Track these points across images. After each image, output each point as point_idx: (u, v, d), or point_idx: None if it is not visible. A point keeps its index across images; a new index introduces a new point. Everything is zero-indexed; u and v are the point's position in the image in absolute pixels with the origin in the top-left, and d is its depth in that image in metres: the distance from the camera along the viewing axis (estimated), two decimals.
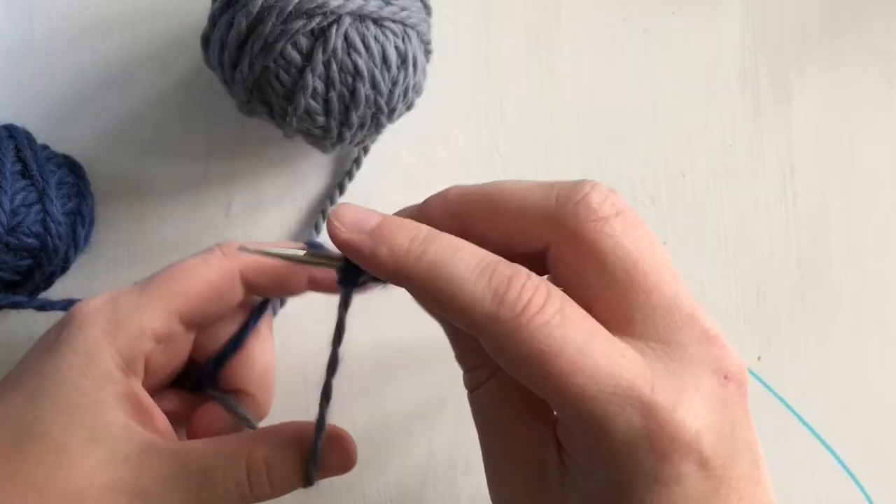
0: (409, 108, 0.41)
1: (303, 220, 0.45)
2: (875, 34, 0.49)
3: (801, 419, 0.43)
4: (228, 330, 0.37)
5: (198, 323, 0.35)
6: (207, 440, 0.32)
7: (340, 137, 0.40)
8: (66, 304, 0.39)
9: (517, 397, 0.28)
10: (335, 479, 0.42)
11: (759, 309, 0.47)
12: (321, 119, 0.38)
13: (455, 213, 0.29)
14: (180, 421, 0.36)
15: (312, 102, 0.38)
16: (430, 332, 0.32)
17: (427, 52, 0.41)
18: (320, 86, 0.37)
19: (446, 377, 0.42)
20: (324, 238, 0.39)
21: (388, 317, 0.42)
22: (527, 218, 0.28)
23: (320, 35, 0.37)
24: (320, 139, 0.40)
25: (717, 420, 0.25)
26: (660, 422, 0.24)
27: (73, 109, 0.44)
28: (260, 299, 0.37)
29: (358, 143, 0.42)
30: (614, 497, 0.25)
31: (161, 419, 0.33)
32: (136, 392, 0.32)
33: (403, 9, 0.38)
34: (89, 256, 0.42)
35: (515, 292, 0.25)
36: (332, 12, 0.36)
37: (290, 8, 0.36)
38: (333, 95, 0.37)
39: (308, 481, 0.33)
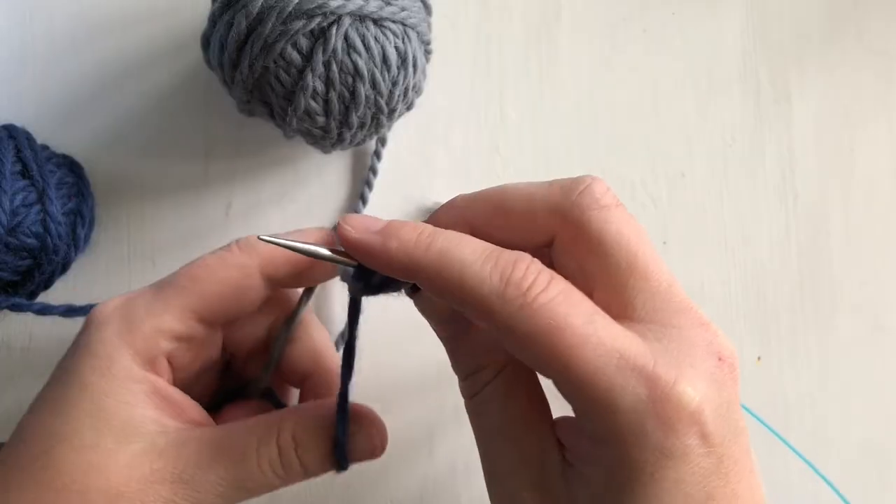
0: (409, 108, 0.41)
1: (303, 220, 0.45)
2: (875, 34, 0.49)
3: (776, 434, 0.43)
4: (260, 324, 0.37)
5: (220, 321, 0.35)
6: (241, 421, 0.33)
7: (340, 138, 0.40)
8: (66, 309, 0.39)
9: (515, 403, 0.29)
10: (335, 480, 0.43)
11: (759, 309, 0.47)
12: (321, 119, 0.38)
13: (464, 218, 0.31)
14: None
15: (312, 103, 0.38)
16: (429, 332, 0.32)
17: (427, 53, 0.41)
18: (320, 86, 0.37)
19: (446, 378, 0.42)
20: None
21: (388, 319, 0.42)
22: (533, 212, 0.29)
23: (320, 35, 0.37)
24: (320, 139, 0.40)
25: (715, 397, 0.26)
26: (664, 392, 0.25)
27: (73, 110, 0.44)
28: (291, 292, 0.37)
29: (358, 143, 0.42)
30: (624, 480, 0.26)
31: (193, 408, 0.33)
32: (160, 387, 0.32)
33: (403, 9, 0.38)
34: (89, 256, 0.42)
35: (520, 273, 0.26)
36: (332, 13, 0.36)
37: (289, 8, 0.36)
38: (333, 96, 0.37)
39: (339, 465, 0.32)
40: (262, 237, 0.31)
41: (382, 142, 0.45)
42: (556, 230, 0.29)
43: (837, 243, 0.48)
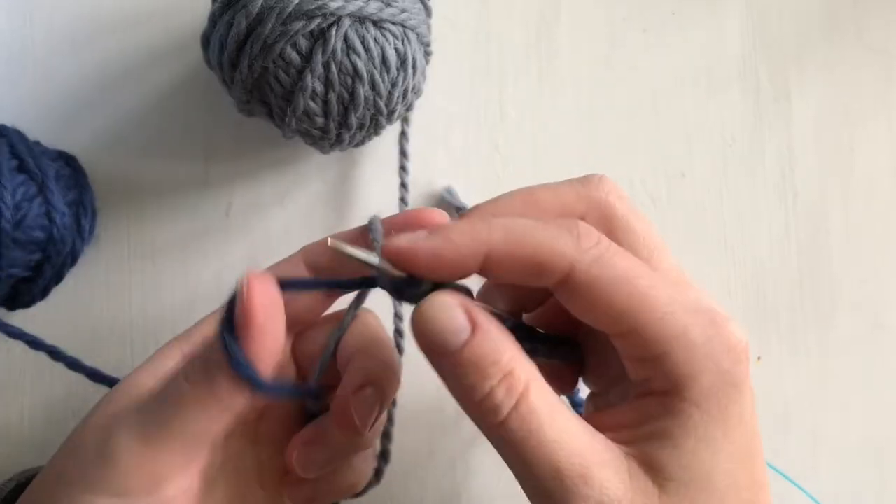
0: (408, 109, 0.41)
1: (304, 221, 0.45)
2: (874, 34, 0.49)
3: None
4: (325, 331, 0.35)
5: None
6: None
7: (339, 138, 0.40)
8: (50, 350, 0.39)
9: (559, 404, 0.28)
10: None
11: (758, 308, 0.47)
12: (320, 120, 0.38)
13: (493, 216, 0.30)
14: None
15: (311, 103, 0.38)
16: None
17: (427, 54, 0.41)
18: (319, 87, 0.37)
19: None
20: None
21: (388, 319, 0.42)
22: (561, 203, 0.30)
23: (320, 36, 0.37)
24: (319, 140, 0.40)
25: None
26: (725, 328, 0.27)
27: (73, 110, 0.44)
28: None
29: (357, 144, 0.42)
30: (702, 415, 0.27)
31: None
32: None
33: (403, 10, 0.38)
34: (90, 258, 0.42)
35: (586, 229, 0.28)
36: (332, 14, 0.36)
37: (289, 9, 0.36)
38: (332, 97, 0.37)
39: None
40: (331, 243, 0.28)
41: (406, 136, 0.44)
42: (583, 212, 0.30)
43: (837, 242, 0.48)
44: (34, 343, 0.39)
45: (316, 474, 0.34)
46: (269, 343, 0.28)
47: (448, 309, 0.27)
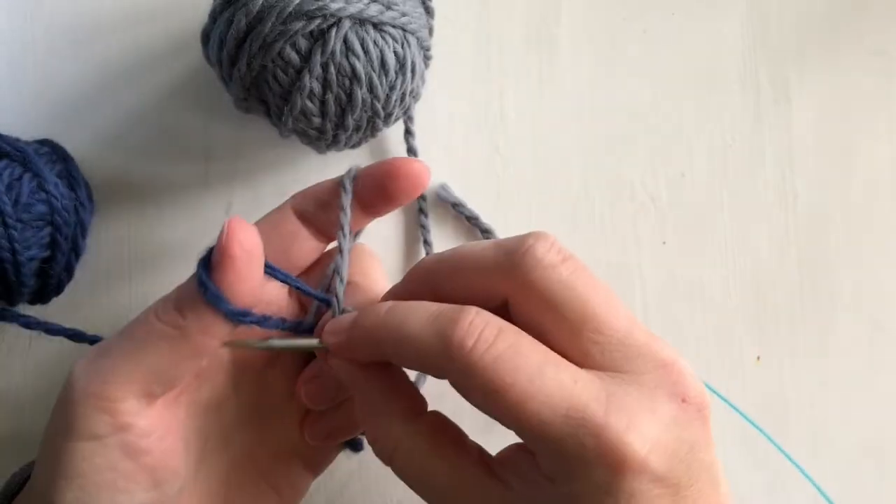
0: (405, 112, 0.41)
1: None
2: (875, 34, 0.49)
3: (761, 431, 0.43)
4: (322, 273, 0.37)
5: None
6: None
7: (335, 139, 0.40)
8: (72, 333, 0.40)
9: (430, 466, 0.30)
10: (335, 482, 0.43)
11: (759, 309, 0.47)
12: (317, 120, 0.38)
13: (428, 281, 0.32)
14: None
15: (308, 103, 0.38)
16: None
17: (426, 59, 0.41)
18: (317, 87, 0.37)
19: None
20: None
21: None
22: (484, 275, 0.30)
23: (319, 37, 0.37)
24: (315, 140, 0.40)
25: (672, 440, 0.27)
26: (611, 443, 0.26)
27: (73, 110, 0.44)
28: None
29: (354, 146, 0.42)
30: None
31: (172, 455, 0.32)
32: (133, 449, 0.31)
33: (404, 14, 0.38)
34: (88, 258, 0.42)
35: (462, 331, 0.27)
36: (332, 15, 0.36)
37: (290, 9, 0.36)
38: (330, 97, 0.37)
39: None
40: (229, 343, 0.32)
41: (411, 133, 0.44)
42: (506, 291, 0.30)
43: (837, 242, 0.48)
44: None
45: (326, 405, 0.35)
46: (244, 276, 0.29)
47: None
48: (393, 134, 0.45)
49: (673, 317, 0.46)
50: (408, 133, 0.45)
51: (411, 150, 0.45)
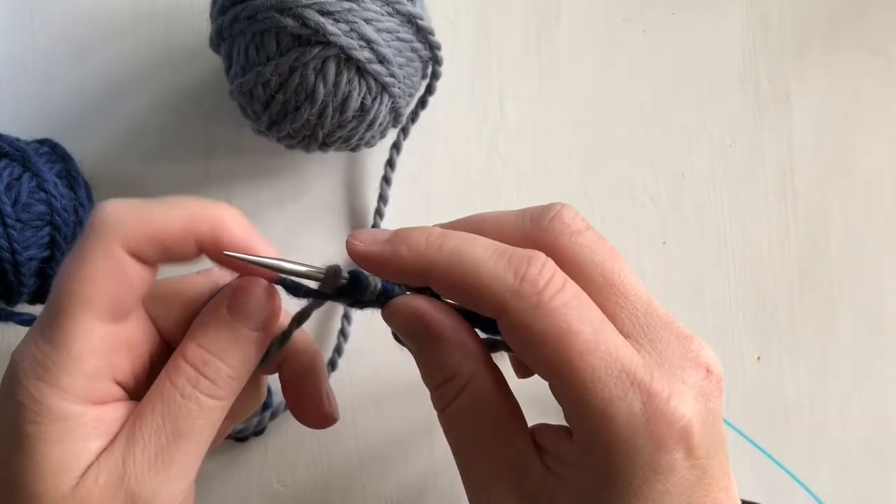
0: (352, 150, 0.43)
1: (302, 220, 0.45)
2: (875, 34, 0.49)
3: (729, 424, 0.43)
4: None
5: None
6: None
7: (271, 131, 0.40)
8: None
9: (491, 410, 0.29)
10: (335, 480, 0.43)
11: (759, 309, 0.47)
12: (258, 106, 0.39)
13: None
14: None
15: (260, 89, 0.38)
16: None
17: (396, 119, 0.41)
18: (275, 81, 0.38)
19: None
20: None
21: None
22: (507, 239, 0.29)
23: (304, 43, 0.37)
24: (253, 120, 0.41)
25: (702, 411, 0.27)
26: (658, 409, 0.26)
27: (73, 112, 0.44)
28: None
29: (292, 147, 0.42)
30: (611, 489, 0.26)
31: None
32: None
33: (392, 75, 0.39)
34: None
35: (536, 271, 0.27)
36: (325, 33, 0.36)
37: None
38: (280, 97, 0.38)
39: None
40: (227, 253, 0.28)
41: (398, 149, 0.45)
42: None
43: (837, 243, 0.48)
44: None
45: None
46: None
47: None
48: (390, 140, 0.45)
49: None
50: (394, 147, 0.45)
51: (391, 164, 0.45)
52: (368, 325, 0.44)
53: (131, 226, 0.27)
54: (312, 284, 0.29)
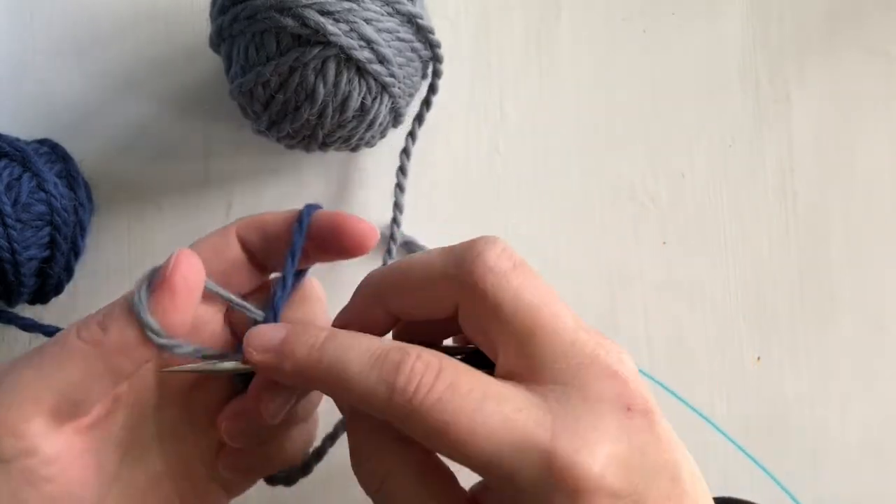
0: (352, 150, 0.42)
1: None
2: (875, 34, 0.49)
3: (708, 420, 0.43)
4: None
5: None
6: None
7: (271, 131, 0.40)
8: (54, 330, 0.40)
9: (424, 485, 0.29)
10: (333, 480, 0.43)
11: (759, 309, 0.47)
12: (258, 107, 0.39)
13: (376, 295, 0.31)
14: None
15: (260, 89, 0.38)
16: None
17: (396, 119, 0.41)
18: (275, 81, 0.38)
19: None
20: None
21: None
22: (433, 284, 0.29)
23: (304, 43, 0.37)
24: (253, 120, 0.41)
25: (624, 451, 0.26)
26: (563, 466, 0.25)
27: (72, 110, 0.44)
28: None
29: (291, 147, 0.42)
30: None
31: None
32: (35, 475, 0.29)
33: (391, 75, 0.38)
34: (88, 258, 0.42)
35: (404, 378, 0.27)
36: (326, 33, 0.36)
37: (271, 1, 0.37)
38: (280, 97, 0.38)
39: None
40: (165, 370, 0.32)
41: (408, 154, 0.44)
42: (456, 300, 0.29)
43: (837, 243, 0.48)
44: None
45: (245, 444, 0.34)
46: (180, 308, 0.29)
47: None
48: (391, 140, 0.45)
49: (673, 317, 0.46)
50: (404, 153, 0.44)
51: (402, 171, 0.44)
52: None
53: None
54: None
